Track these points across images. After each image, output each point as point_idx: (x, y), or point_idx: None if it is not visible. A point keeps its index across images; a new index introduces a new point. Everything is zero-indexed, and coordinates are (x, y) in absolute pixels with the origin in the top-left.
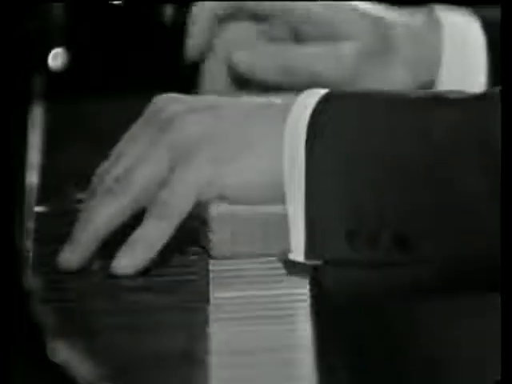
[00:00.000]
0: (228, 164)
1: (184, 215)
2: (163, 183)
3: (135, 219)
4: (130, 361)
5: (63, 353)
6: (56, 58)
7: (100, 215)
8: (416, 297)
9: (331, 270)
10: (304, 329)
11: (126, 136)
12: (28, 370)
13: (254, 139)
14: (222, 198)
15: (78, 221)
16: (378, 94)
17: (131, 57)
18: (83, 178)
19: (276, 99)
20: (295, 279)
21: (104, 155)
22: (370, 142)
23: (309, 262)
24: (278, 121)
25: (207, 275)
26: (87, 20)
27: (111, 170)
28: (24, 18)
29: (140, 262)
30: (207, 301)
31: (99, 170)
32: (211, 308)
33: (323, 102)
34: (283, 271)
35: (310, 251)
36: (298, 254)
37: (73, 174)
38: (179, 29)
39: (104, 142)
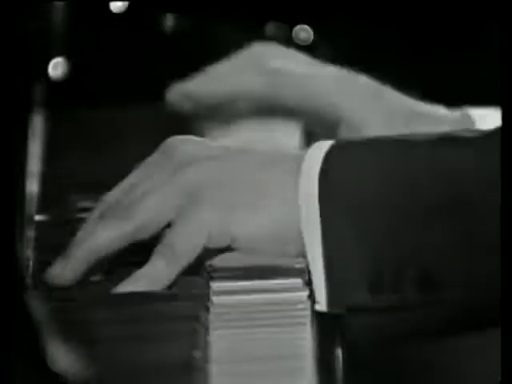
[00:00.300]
0: (240, 212)
1: (191, 259)
2: (171, 222)
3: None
4: (131, 370)
5: (63, 362)
6: (56, 67)
7: (98, 237)
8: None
9: (355, 319)
10: (305, 337)
11: (140, 168)
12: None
13: (267, 189)
14: (230, 246)
15: (74, 237)
16: (386, 138)
17: (131, 66)
18: (83, 187)
19: (291, 150)
20: (297, 287)
21: (104, 164)
22: (382, 187)
23: (333, 312)
24: (292, 171)
25: (207, 283)
26: (88, 29)
27: (119, 197)
28: (25, 27)
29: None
30: (207, 309)
31: (106, 196)
32: (211, 316)
33: (334, 151)
34: (283, 280)
35: (332, 302)
36: (321, 305)
37: (73, 183)
38: (180, 38)
39: (104, 150)
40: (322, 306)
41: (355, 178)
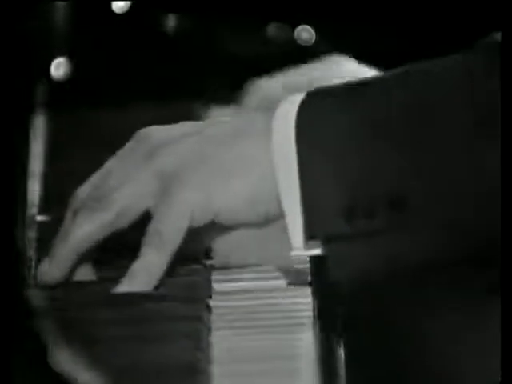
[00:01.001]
0: (218, 185)
1: (179, 242)
2: (151, 210)
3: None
4: (132, 371)
5: (65, 363)
6: (58, 68)
7: (77, 231)
8: (422, 305)
9: (333, 256)
10: (306, 338)
11: (112, 159)
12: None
13: (241, 157)
14: (213, 222)
15: (57, 236)
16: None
17: (133, 66)
18: None
19: (258, 113)
20: (297, 288)
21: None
22: (352, 122)
23: (309, 252)
24: (263, 135)
25: (209, 284)
26: (90, 30)
27: (92, 190)
28: (27, 27)
29: (142, 290)
30: (209, 310)
31: (78, 191)
32: (213, 317)
33: (308, 97)
34: (285, 281)
35: (310, 234)
36: (298, 247)
37: (75, 183)
38: (182, 38)
39: (105, 150)
40: (299, 246)
41: (329, 118)
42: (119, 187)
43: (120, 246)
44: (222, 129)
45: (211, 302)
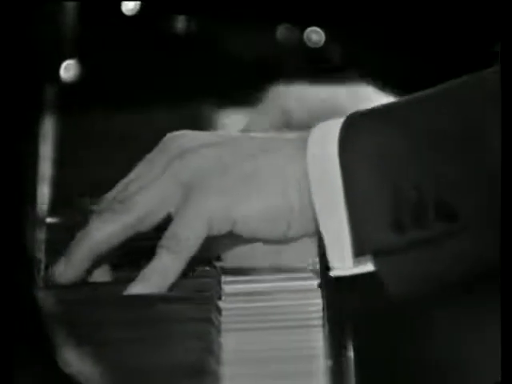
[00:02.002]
0: (238, 197)
1: (196, 248)
2: (171, 215)
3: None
4: (142, 372)
5: (75, 364)
6: (68, 70)
7: (97, 233)
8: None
9: (383, 271)
10: (317, 339)
11: (139, 165)
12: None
13: (265, 173)
14: (232, 231)
15: (76, 236)
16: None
17: (143, 68)
18: (94, 189)
19: (290, 134)
20: (308, 290)
21: (115, 166)
22: (398, 132)
23: (357, 270)
24: (293, 153)
25: (219, 286)
26: (99, 31)
27: (117, 193)
28: (36, 29)
29: (153, 292)
30: (219, 312)
31: (107, 195)
32: (223, 319)
33: (350, 118)
34: (295, 282)
35: (358, 249)
36: (339, 267)
37: (84, 185)
38: (191, 40)
39: (115, 153)
40: (339, 266)
41: (373, 134)
42: (141, 191)
43: (135, 248)
44: (250, 142)
45: (221, 304)
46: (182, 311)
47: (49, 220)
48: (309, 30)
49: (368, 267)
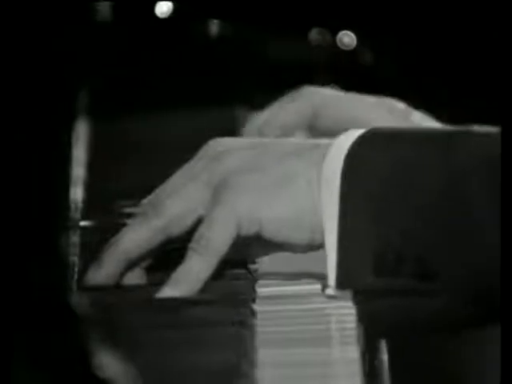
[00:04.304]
0: (266, 198)
1: (225, 249)
2: (202, 216)
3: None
4: (176, 375)
5: (108, 367)
6: (101, 74)
7: (129, 237)
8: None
9: (361, 303)
10: (351, 342)
11: (177, 172)
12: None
13: (293, 175)
14: (260, 232)
15: (109, 239)
16: (409, 132)
17: (175, 71)
18: (128, 193)
19: (320, 140)
20: (342, 294)
21: (148, 169)
22: (397, 178)
23: (339, 296)
24: (318, 160)
25: (253, 289)
26: (132, 35)
27: (152, 197)
28: (69, 33)
29: (185, 295)
30: (253, 315)
31: (144, 200)
32: (257, 322)
33: (357, 143)
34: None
35: (340, 284)
36: (331, 288)
37: (118, 189)
38: (225, 44)
39: (148, 156)
40: (331, 289)
41: (375, 165)
42: (172, 195)
43: (169, 250)
44: (280, 146)
45: (255, 307)
46: (216, 314)
47: (83, 224)
48: (341, 33)
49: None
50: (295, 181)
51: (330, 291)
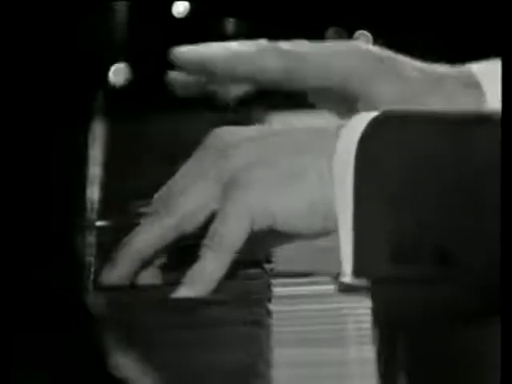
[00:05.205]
0: (278, 191)
1: (239, 244)
2: (215, 211)
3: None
4: (191, 375)
5: (124, 367)
6: (117, 74)
7: (141, 236)
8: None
9: (377, 292)
10: (368, 342)
11: (183, 166)
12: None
13: (303, 169)
14: (273, 226)
15: (120, 240)
16: (423, 116)
17: None
18: (144, 193)
19: (328, 124)
20: (356, 295)
21: (164, 169)
22: (412, 163)
23: (356, 284)
24: (329, 149)
25: (269, 289)
26: (149, 34)
27: (163, 194)
28: (86, 33)
29: (201, 294)
30: (269, 314)
31: (154, 196)
32: (273, 322)
33: (370, 127)
34: (343, 287)
35: (357, 272)
36: (347, 276)
37: (134, 189)
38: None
39: (164, 156)
40: (347, 277)
41: (390, 151)
42: (183, 192)
43: (183, 248)
44: (289, 136)
45: (271, 307)
46: (231, 314)
47: (99, 223)
48: (357, 33)
49: (364, 288)
50: (305, 174)
51: (347, 279)
